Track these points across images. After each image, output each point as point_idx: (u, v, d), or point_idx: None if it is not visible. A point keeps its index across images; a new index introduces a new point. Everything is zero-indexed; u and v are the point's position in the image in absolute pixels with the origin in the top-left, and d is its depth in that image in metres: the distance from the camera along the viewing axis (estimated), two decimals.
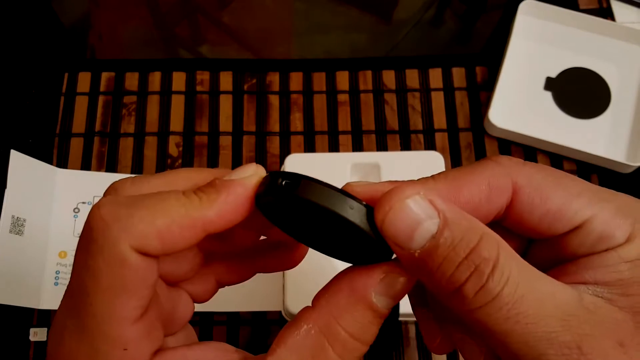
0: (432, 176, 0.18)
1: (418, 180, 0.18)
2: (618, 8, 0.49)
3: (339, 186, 0.17)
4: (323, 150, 0.44)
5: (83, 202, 0.41)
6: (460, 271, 0.15)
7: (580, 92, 0.46)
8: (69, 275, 0.18)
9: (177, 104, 0.46)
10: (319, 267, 0.37)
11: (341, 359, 0.17)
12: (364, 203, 0.16)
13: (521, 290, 0.15)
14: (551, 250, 0.18)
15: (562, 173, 0.18)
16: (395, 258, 0.17)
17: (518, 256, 0.16)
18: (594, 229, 0.17)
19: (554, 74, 0.46)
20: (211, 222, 0.18)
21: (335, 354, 0.17)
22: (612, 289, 0.16)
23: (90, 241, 0.17)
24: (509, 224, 0.18)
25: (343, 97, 0.46)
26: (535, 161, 0.44)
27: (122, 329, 0.17)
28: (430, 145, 0.45)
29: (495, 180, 0.17)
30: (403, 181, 0.18)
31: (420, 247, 0.15)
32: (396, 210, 0.15)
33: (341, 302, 0.17)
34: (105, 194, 0.19)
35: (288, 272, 0.36)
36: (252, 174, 0.18)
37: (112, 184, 0.19)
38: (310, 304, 0.19)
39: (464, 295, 0.15)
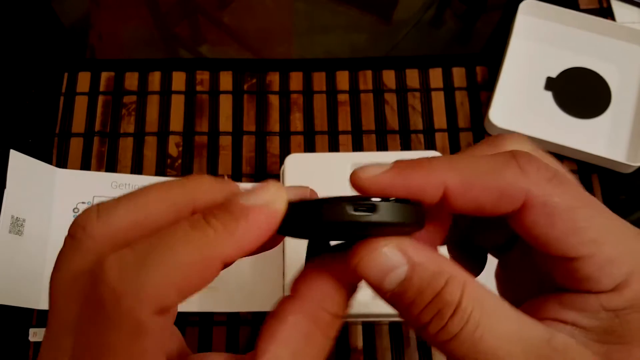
0: (455, 158, 0.17)
1: (437, 163, 0.17)
2: (618, 8, 0.49)
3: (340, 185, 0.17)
4: (323, 150, 0.44)
5: (83, 202, 0.41)
6: (425, 313, 0.16)
7: (580, 92, 0.46)
8: None
9: (177, 103, 0.46)
10: None
11: (327, 337, 0.18)
12: (380, 200, 0.16)
13: (480, 331, 0.15)
14: (539, 259, 0.18)
15: (588, 201, 0.17)
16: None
17: (487, 295, 0.16)
18: (583, 269, 0.16)
19: (554, 73, 0.46)
20: (231, 256, 0.16)
21: (323, 336, 0.17)
22: (589, 334, 0.16)
23: (102, 316, 0.15)
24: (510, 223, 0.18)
25: (343, 97, 0.46)
26: None
27: None
28: (430, 145, 0.45)
29: (510, 190, 0.16)
30: (404, 162, 0.17)
31: (390, 290, 0.17)
32: (368, 259, 0.17)
33: (324, 288, 0.17)
34: (71, 233, 0.17)
35: (288, 273, 0.36)
36: (275, 197, 0.16)
37: (77, 222, 0.17)
38: None
39: (428, 330, 0.16)
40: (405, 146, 0.44)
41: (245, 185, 0.18)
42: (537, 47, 0.47)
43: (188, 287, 0.16)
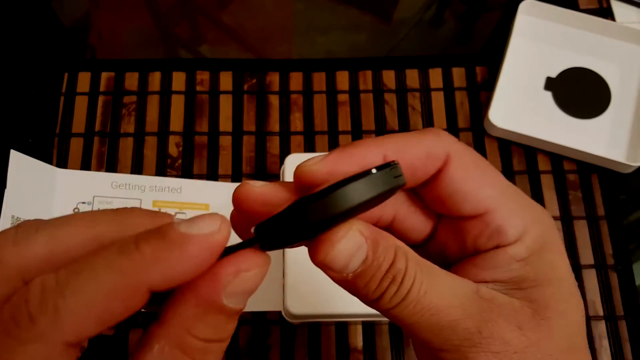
0: (384, 136, 0.19)
1: (370, 140, 0.19)
2: (618, 8, 0.49)
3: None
4: (323, 150, 0.44)
5: (83, 202, 0.41)
6: (382, 283, 0.18)
7: (580, 92, 0.46)
8: None
9: (177, 104, 0.46)
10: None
11: None
12: (354, 176, 0.16)
13: (424, 288, 0.17)
14: (455, 234, 0.20)
15: (487, 163, 0.20)
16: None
17: (422, 260, 0.18)
18: (491, 222, 0.19)
19: (554, 73, 0.46)
20: (159, 284, 0.15)
21: None
22: (507, 285, 0.19)
23: (11, 338, 0.14)
24: (425, 193, 0.20)
25: (343, 97, 0.46)
26: (536, 161, 0.44)
27: None
28: None
29: (434, 149, 0.19)
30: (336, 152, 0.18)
31: (353, 271, 0.17)
32: (334, 251, 0.17)
33: (189, 312, 0.16)
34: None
35: (288, 272, 0.36)
36: (218, 229, 0.15)
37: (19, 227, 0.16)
38: (310, 304, 0.19)
39: (384, 299, 0.18)
40: None
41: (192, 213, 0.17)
42: (537, 47, 0.47)
43: (110, 316, 0.15)
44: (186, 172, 0.44)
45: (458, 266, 0.20)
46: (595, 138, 0.44)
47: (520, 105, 0.45)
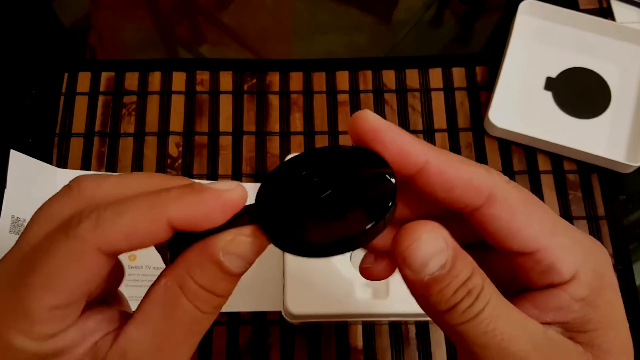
0: (441, 150, 0.19)
1: (422, 142, 0.19)
2: (618, 8, 0.49)
3: None
4: None
5: None
6: (458, 293, 0.18)
7: (580, 92, 0.46)
8: None
9: (177, 104, 0.46)
10: (318, 267, 0.37)
11: (195, 307, 0.19)
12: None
13: (498, 311, 0.18)
14: (506, 263, 0.20)
15: (537, 200, 0.20)
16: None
17: (495, 288, 0.18)
18: (543, 260, 0.19)
19: (554, 73, 0.46)
20: (176, 220, 0.18)
21: (189, 302, 0.18)
22: (569, 328, 0.19)
23: (59, 240, 0.18)
24: (473, 222, 0.20)
25: (343, 97, 0.46)
26: (536, 161, 0.44)
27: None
28: None
29: (479, 181, 0.19)
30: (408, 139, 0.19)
31: (430, 274, 0.18)
32: (418, 244, 0.18)
33: (193, 257, 0.19)
34: (70, 185, 0.20)
35: (288, 272, 0.36)
36: (234, 188, 0.18)
37: (78, 180, 0.20)
38: (310, 304, 0.19)
39: (456, 311, 0.18)
40: None
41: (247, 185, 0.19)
42: (536, 47, 0.47)
43: (135, 236, 0.18)
44: (186, 172, 0.44)
45: (517, 304, 0.19)
46: (595, 138, 0.44)
47: (520, 105, 0.45)
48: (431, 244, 0.18)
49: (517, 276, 0.20)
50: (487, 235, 0.20)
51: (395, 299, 0.35)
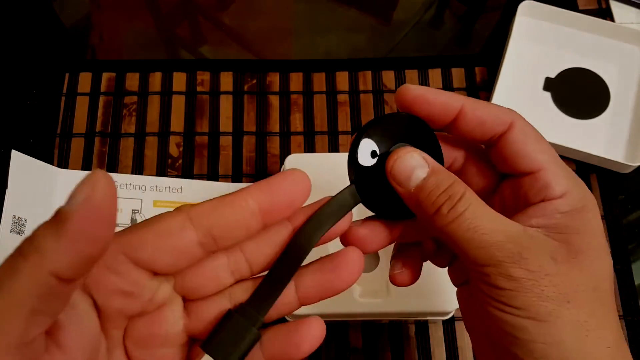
0: (471, 98, 0.24)
1: (453, 94, 0.24)
2: (617, 8, 0.50)
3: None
4: (323, 150, 0.45)
5: None
6: (440, 198, 0.22)
7: (579, 93, 0.46)
8: None
9: (178, 104, 0.46)
10: None
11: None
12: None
13: (479, 212, 0.21)
14: (512, 190, 0.24)
15: (542, 135, 0.24)
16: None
17: (477, 197, 0.22)
18: (541, 178, 0.23)
19: (553, 74, 0.46)
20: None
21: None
22: (549, 230, 0.22)
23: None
24: (493, 154, 0.24)
25: (343, 98, 0.46)
26: None
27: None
28: None
29: (502, 115, 0.24)
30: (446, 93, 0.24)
31: (415, 185, 0.22)
32: (399, 160, 0.22)
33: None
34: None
35: None
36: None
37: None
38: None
39: (440, 213, 0.22)
40: None
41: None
42: (536, 47, 0.47)
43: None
44: (187, 172, 0.44)
45: (511, 217, 0.23)
46: (594, 138, 0.44)
47: (519, 106, 0.45)
48: (409, 159, 0.22)
49: (518, 197, 0.23)
50: (500, 160, 0.24)
51: (395, 298, 0.35)
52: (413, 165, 0.22)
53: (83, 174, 0.42)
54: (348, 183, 0.23)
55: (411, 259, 0.27)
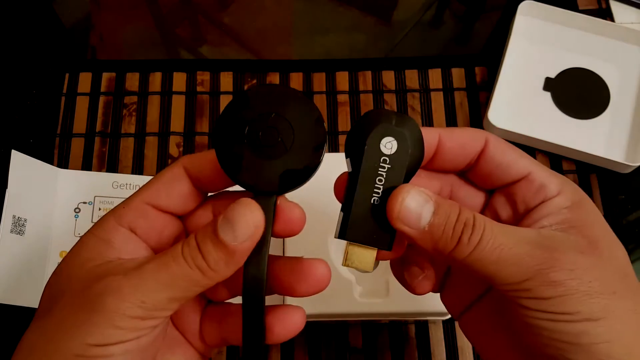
0: (448, 128, 0.25)
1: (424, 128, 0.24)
2: (617, 8, 0.50)
3: None
4: None
5: (84, 202, 0.41)
6: (456, 229, 0.21)
7: (579, 93, 0.46)
8: None
9: (178, 104, 0.46)
10: None
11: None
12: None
13: (496, 230, 0.21)
14: (507, 200, 0.24)
15: (512, 144, 0.25)
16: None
17: (484, 215, 0.22)
18: (535, 179, 0.23)
19: (553, 74, 0.46)
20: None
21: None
22: (561, 225, 0.22)
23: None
24: (474, 175, 0.25)
25: (343, 98, 0.46)
26: None
27: None
28: None
29: (476, 135, 0.24)
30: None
31: (427, 223, 0.21)
32: (405, 202, 0.21)
33: (203, 225, 0.21)
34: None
35: None
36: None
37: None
38: (310, 304, 0.21)
39: (461, 243, 0.21)
40: None
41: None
42: (536, 47, 0.47)
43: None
44: None
45: (516, 225, 0.23)
46: (594, 138, 0.44)
47: (519, 106, 0.45)
48: (416, 198, 0.21)
49: (515, 205, 0.24)
50: (486, 177, 0.24)
51: (395, 298, 0.35)
52: (421, 203, 0.21)
53: (83, 174, 0.43)
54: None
55: (425, 262, 0.26)
